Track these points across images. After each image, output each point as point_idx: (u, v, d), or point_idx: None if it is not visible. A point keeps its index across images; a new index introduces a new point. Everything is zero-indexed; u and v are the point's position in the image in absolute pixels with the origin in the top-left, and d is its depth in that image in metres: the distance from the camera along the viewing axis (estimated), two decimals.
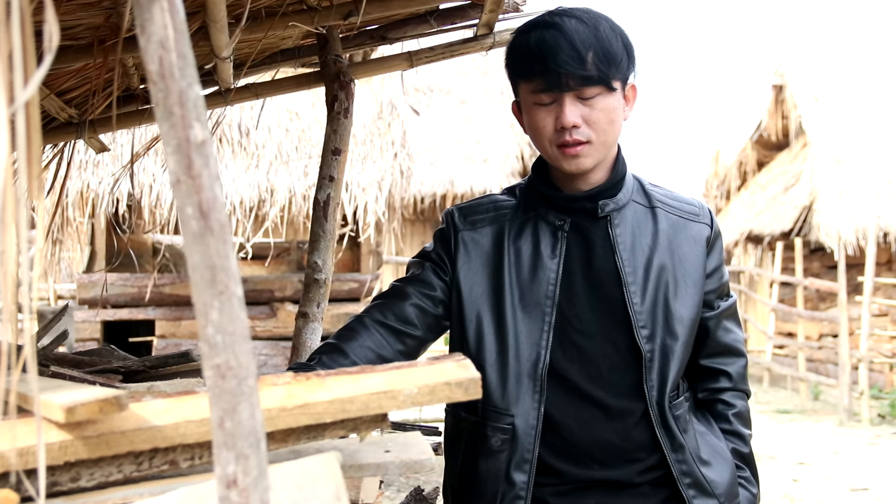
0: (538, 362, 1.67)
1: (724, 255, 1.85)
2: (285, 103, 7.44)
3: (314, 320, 2.44)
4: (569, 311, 1.69)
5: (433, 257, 1.79)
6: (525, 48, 1.64)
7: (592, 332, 1.69)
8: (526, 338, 1.68)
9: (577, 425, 1.68)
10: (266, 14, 2.19)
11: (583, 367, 1.68)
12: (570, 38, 1.59)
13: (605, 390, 1.68)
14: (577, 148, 1.63)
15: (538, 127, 1.65)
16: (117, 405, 0.88)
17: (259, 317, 7.07)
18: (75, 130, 2.76)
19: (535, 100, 1.64)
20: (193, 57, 0.68)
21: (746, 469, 1.81)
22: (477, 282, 1.73)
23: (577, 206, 1.72)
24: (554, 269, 1.69)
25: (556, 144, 1.64)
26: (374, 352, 1.69)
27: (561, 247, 1.70)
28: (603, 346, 1.69)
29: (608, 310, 1.69)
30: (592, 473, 1.68)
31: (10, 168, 0.64)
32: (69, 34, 2.02)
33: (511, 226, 1.75)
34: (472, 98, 16.06)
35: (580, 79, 1.59)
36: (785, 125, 14.83)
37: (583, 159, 1.64)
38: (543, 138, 1.66)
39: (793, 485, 6.75)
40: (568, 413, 1.68)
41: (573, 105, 1.61)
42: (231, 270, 0.66)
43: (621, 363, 1.69)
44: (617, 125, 1.67)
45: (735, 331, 1.84)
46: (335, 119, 2.46)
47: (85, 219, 6.96)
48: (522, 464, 1.66)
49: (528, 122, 1.69)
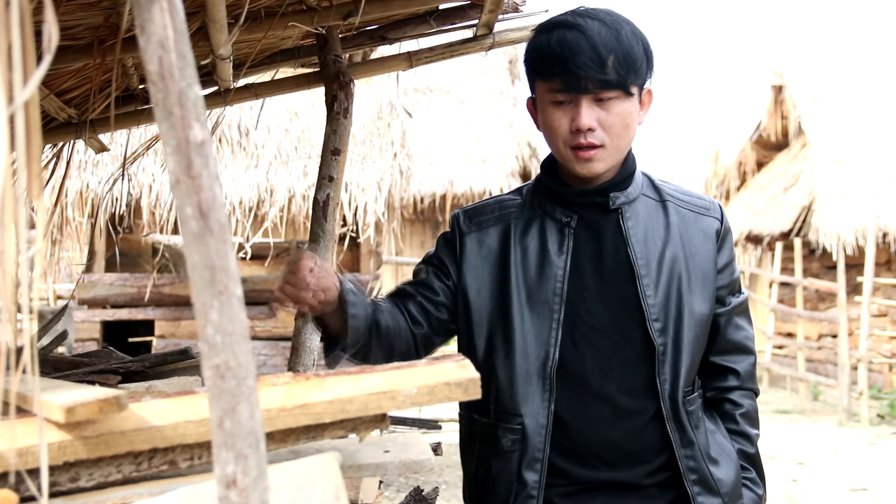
0: (547, 360, 1.66)
1: (734, 252, 1.84)
2: (285, 103, 7.43)
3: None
4: (580, 307, 1.69)
5: (435, 262, 1.80)
6: (546, 47, 1.63)
7: (604, 327, 1.68)
8: (534, 336, 1.68)
9: (586, 425, 1.67)
10: (265, 14, 2.19)
11: (594, 364, 1.68)
12: (592, 40, 1.58)
13: (617, 387, 1.67)
14: (591, 151, 1.63)
15: (553, 127, 1.65)
16: (117, 405, 0.88)
17: (258, 317, 7.06)
18: (75, 130, 2.76)
19: (552, 98, 1.64)
20: (193, 57, 0.68)
21: (752, 470, 1.80)
22: (484, 283, 1.73)
23: (587, 201, 1.71)
24: (561, 266, 1.69)
25: (569, 146, 1.64)
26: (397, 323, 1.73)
27: (568, 243, 1.70)
28: (615, 340, 1.68)
29: (620, 303, 1.69)
30: (599, 475, 1.68)
31: (9, 168, 0.64)
32: (69, 34, 2.02)
33: (517, 224, 1.75)
34: (472, 98, 16.06)
35: (599, 82, 1.59)
36: (784, 125, 14.83)
37: (595, 163, 1.64)
38: (557, 138, 1.65)
39: (792, 485, 6.75)
40: (577, 412, 1.67)
41: (590, 108, 1.61)
42: (230, 270, 0.66)
43: (634, 357, 1.68)
44: (631, 130, 1.67)
45: (745, 328, 1.83)
46: (335, 119, 2.45)
47: (84, 219, 6.96)
48: (533, 463, 1.66)
49: (543, 120, 1.68)
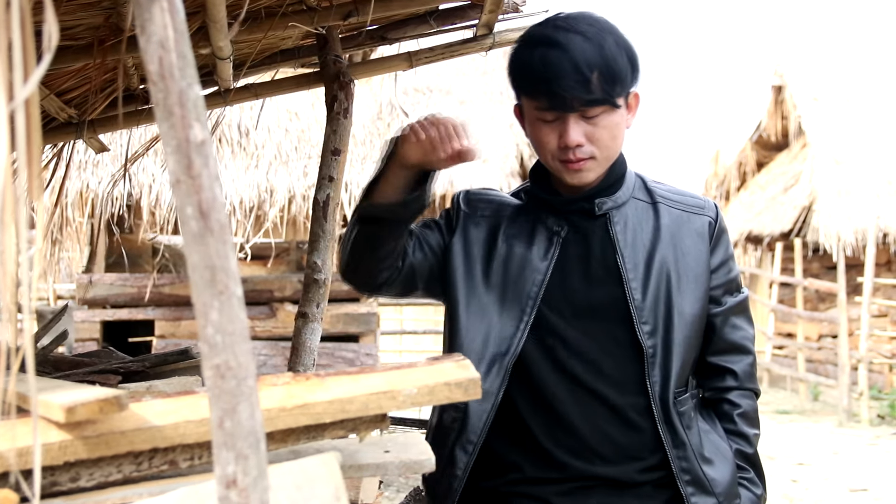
0: (506, 354, 1.68)
1: (731, 250, 1.83)
2: (285, 103, 7.44)
3: (314, 320, 2.44)
4: (565, 310, 1.69)
5: (438, 221, 1.83)
6: (528, 67, 1.62)
7: (594, 331, 1.69)
8: (498, 332, 1.70)
9: (581, 420, 1.68)
10: (266, 14, 2.19)
11: (585, 366, 1.68)
12: (575, 60, 1.55)
13: (609, 386, 1.68)
14: (581, 163, 1.63)
15: (542, 142, 1.66)
16: (117, 405, 0.88)
17: (258, 317, 7.06)
18: (75, 130, 2.76)
19: (539, 115, 1.64)
20: (193, 57, 0.68)
21: (750, 470, 1.79)
22: (467, 266, 1.75)
23: (575, 207, 1.72)
24: (542, 271, 1.70)
25: (558, 159, 1.65)
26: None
27: (554, 251, 1.71)
28: (605, 343, 1.69)
29: (609, 306, 1.69)
30: (595, 469, 1.68)
31: (9, 168, 0.64)
32: (69, 34, 2.02)
33: (510, 223, 1.76)
34: (472, 98, 16.02)
35: (585, 101, 1.58)
36: (784, 126, 14.83)
37: (585, 173, 1.65)
38: (546, 152, 1.66)
39: (792, 485, 6.75)
40: (571, 407, 1.68)
41: (577, 124, 1.60)
42: (231, 270, 0.66)
43: (624, 359, 1.69)
44: (619, 140, 1.67)
45: (744, 328, 1.82)
46: (335, 119, 2.45)
47: (84, 219, 6.96)
48: (466, 444, 1.69)
49: (531, 134, 1.69)
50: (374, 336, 7.39)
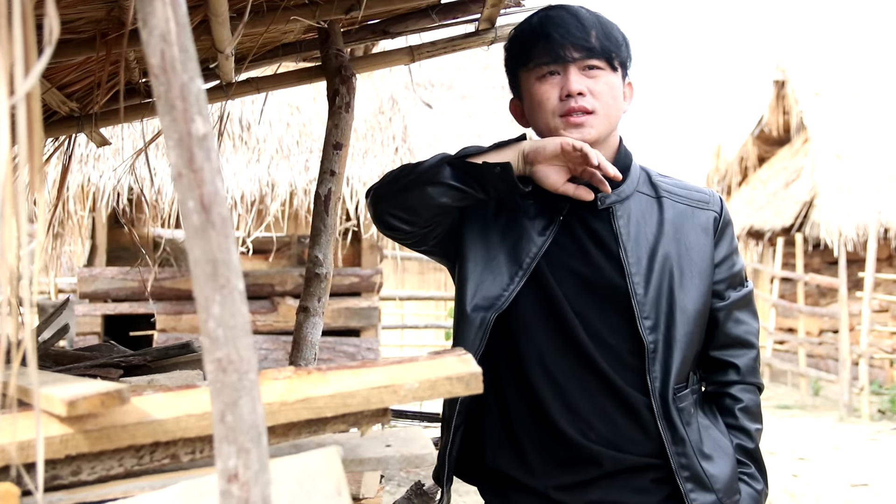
0: (489, 309, 1.68)
1: (735, 243, 1.82)
2: (286, 98, 7.44)
3: (315, 315, 2.44)
4: (567, 291, 1.69)
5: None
6: (528, 28, 1.71)
7: (596, 326, 1.68)
8: (486, 291, 1.70)
9: (581, 392, 1.68)
10: (268, 8, 2.19)
11: (589, 338, 1.69)
12: (576, 14, 1.67)
13: (610, 368, 1.68)
14: (583, 117, 1.65)
15: (542, 101, 1.68)
16: (119, 399, 0.88)
17: (260, 311, 7.07)
18: (76, 124, 2.75)
19: (539, 74, 1.68)
20: (195, 51, 0.67)
21: (751, 465, 1.78)
22: (475, 236, 1.75)
23: (579, 200, 1.71)
24: (538, 244, 1.70)
25: (559, 114, 1.66)
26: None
27: (553, 229, 1.71)
28: (607, 337, 1.68)
29: (611, 301, 1.69)
30: (591, 445, 1.67)
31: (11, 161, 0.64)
32: (70, 28, 2.02)
33: (514, 200, 1.75)
34: (473, 93, 16.03)
35: (584, 50, 1.64)
36: (786, 120, 14.81)
37: (587, 129, 1.66)
38: (547, 112, 1.68)
39: (793, 480, 6.75)
40: (571, 379, 1.68)
41: (578, 75, 1.66)
42: (232, 264, 0.66)
43: (625, 354, 1.68)
44: (619, 103, 1.71)
45: (748, 322, 1.81)
46: (336, 113, 2.45)
47: (86, 213, 6.96)
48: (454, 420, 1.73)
49: (531, 103, 1.71)
50: (375, 330, 7.40)
